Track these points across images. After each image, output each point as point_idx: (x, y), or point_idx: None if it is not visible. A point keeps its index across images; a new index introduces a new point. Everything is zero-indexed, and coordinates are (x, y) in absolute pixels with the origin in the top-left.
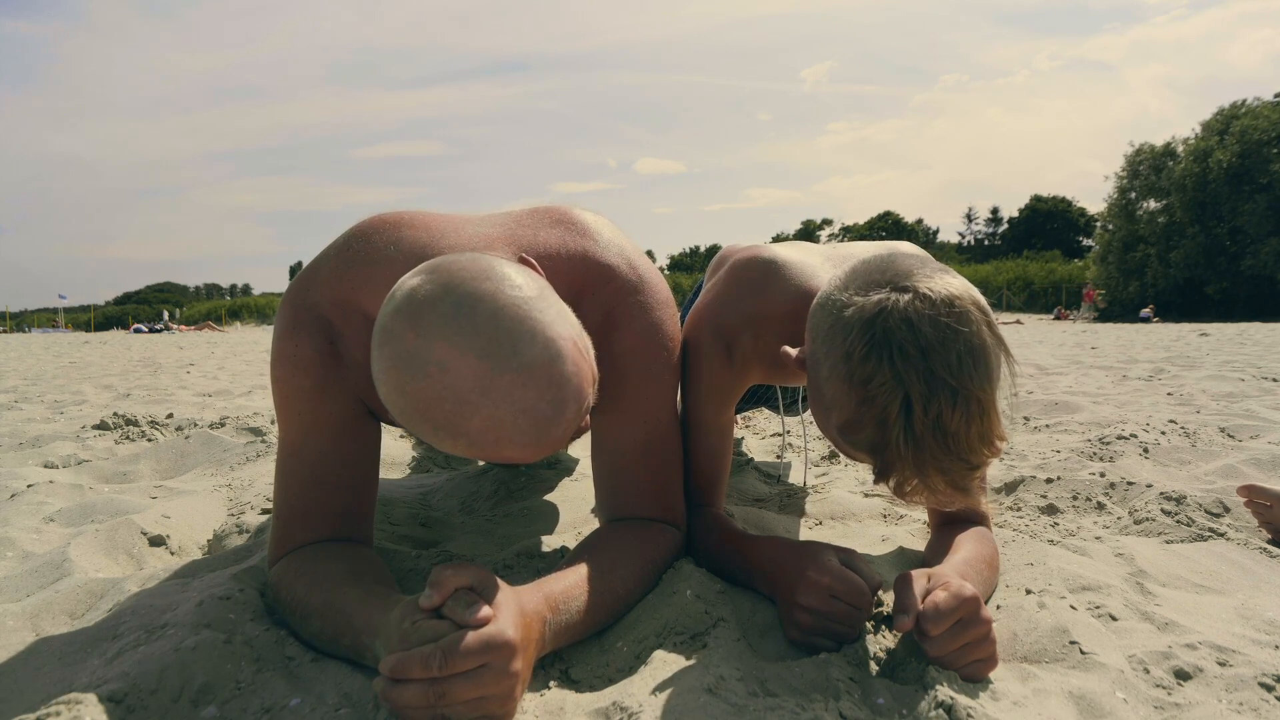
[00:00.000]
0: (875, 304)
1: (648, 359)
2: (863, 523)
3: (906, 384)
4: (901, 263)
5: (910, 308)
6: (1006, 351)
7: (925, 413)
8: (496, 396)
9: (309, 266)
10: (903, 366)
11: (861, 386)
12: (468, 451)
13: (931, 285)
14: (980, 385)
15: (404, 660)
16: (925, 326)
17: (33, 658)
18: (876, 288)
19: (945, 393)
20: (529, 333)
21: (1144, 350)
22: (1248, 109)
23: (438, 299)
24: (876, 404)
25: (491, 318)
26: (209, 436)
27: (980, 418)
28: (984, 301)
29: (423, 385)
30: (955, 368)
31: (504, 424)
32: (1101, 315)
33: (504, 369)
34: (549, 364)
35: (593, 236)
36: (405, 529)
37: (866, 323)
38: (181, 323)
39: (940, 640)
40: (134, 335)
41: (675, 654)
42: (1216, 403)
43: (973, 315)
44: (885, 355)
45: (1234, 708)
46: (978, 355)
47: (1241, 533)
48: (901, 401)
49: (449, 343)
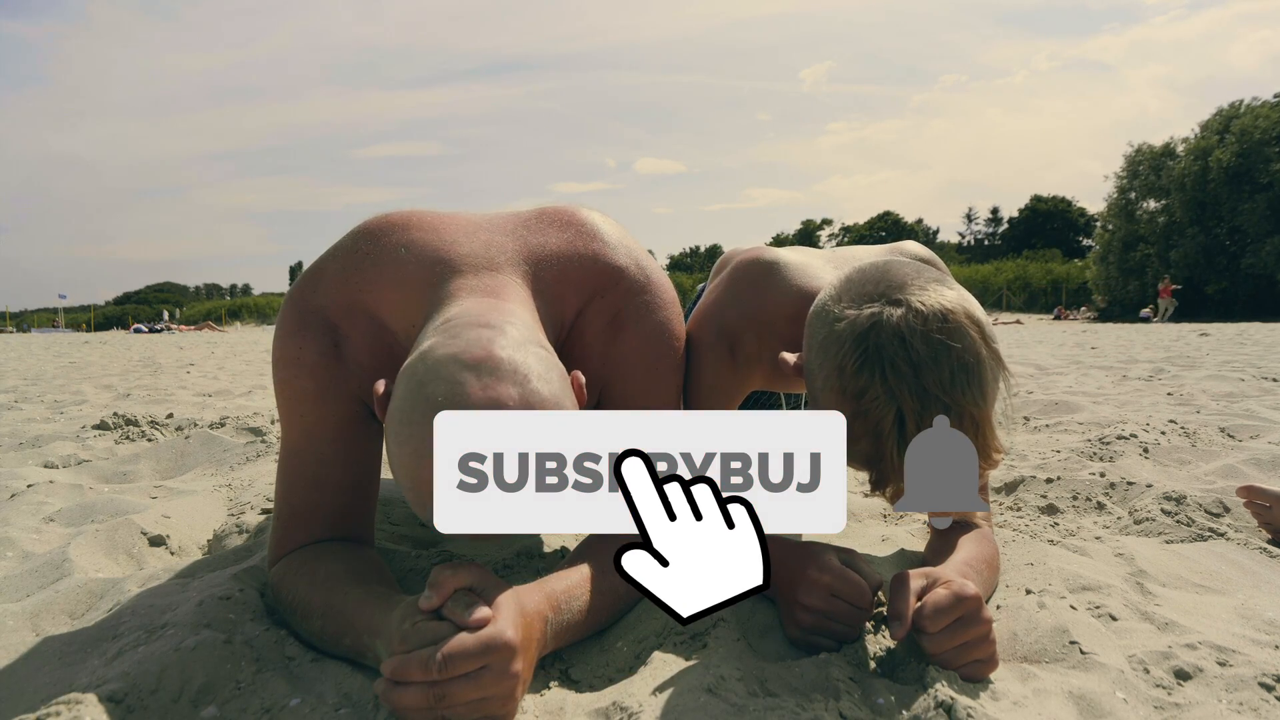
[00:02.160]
0: (868, 318)
1: (653, 359)
2: (863, 523)
3: (899, 399)
4: (896, 272)
5: (902, 322)
6: (1002, 365)
7: (919, 429)
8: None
9: (313, 267)
10: (895, 382)
11: (855, 400)
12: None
13: (924, 299)
14: (974, 401)
15: (404, 663)
16: (917, 342)
17: (33, 658)
18: (869, 300)
19: (938, 409)
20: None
21: (1144, 350)
22: (1248, 109)
23: (469, 376)
24: (870, 418)
25: (499, 394)
26: (209, 436)
27: (974, 432)
28: (979, 313)
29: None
30: (948, 384)
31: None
32: (1101, 315)
33: None
34: None
35: (601, 238)
36: (405, 529)
37: (859, 337)
38: (181, 323)
39: (939, 638)
40: (134, 335)
41: (675, 654)
42: (1216, 403)
43: (966, 330)
44: (877, 370)
45: (1234, 708)
46: (971, 371)
47: (1241, 533)
48: (894, 417)
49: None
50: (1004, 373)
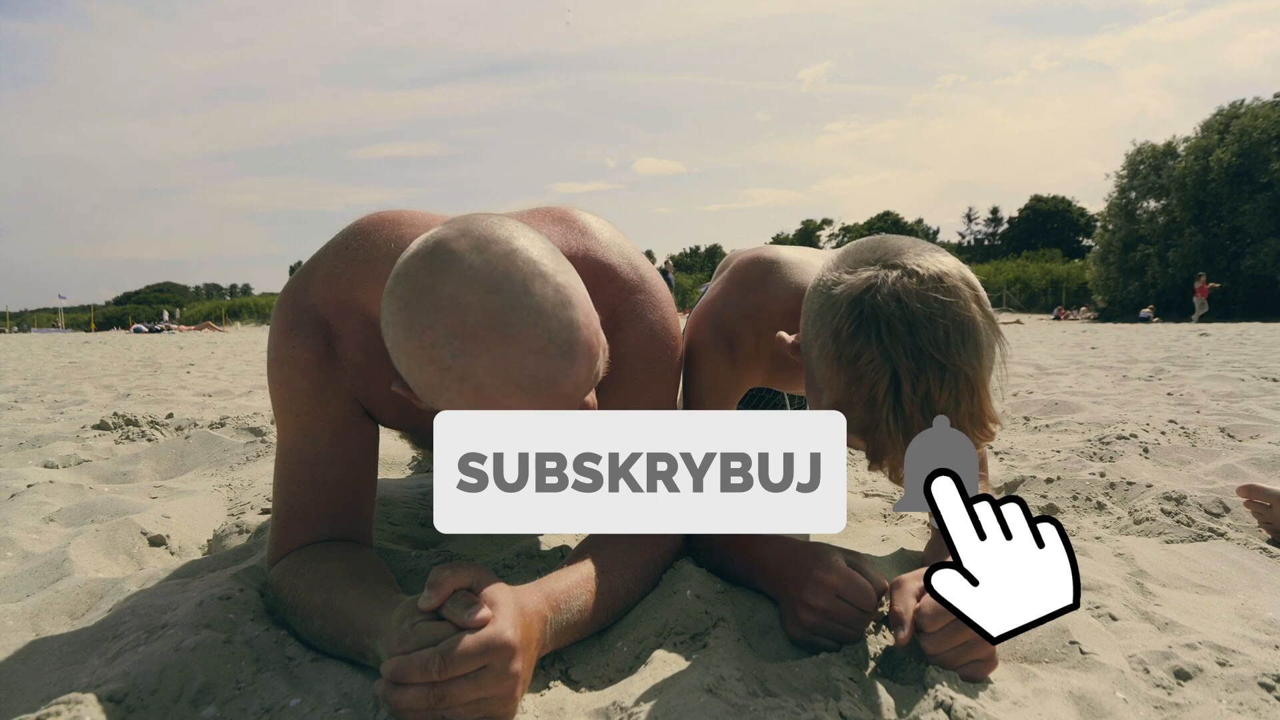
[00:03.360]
0: (864, 281)
1: (651, 358)
2: (863, 523)
3: (894, 360)
4: (892, 242)
5: (898, 283)
6: (997, 330)
7: (914, 390)
8: (506, 333)
9: (306, 266)
10: (890, 343)
11: (850, 365)
12: (474, 400)
13: (921, 262)
14: (969, 362)
15: (403, 664)
16: (913, 302)
17: (33, 658)
18: (866, 265)
19: (933, 369)
20: (541, 274)
21: (1144, 350)
22: (1248, 108)
23: (452, 239)
24: (865, 383)
25: (505, 258)
26: (209, 436)
27: (969, 395)
28: (974, 279)
29: (432, 321)
30: (943, 343)
31: (512, 365)
32: (1101, 315)
33: (515, 305)
34: (560, 307)
35: (594, 236)
36: (405, 529)
37: (854, 300)
38: (181, 323)
39: (938, 638)
40: (134, 335)
41: (675, 654)
42: (1216, 403)
43: (962, 291)
44: (873, 331)
45: (1234, 708)
46: (966, 331)
47: (1241, 533)
48: (890, 379)
49: (461, 279)
50: (999, 339)
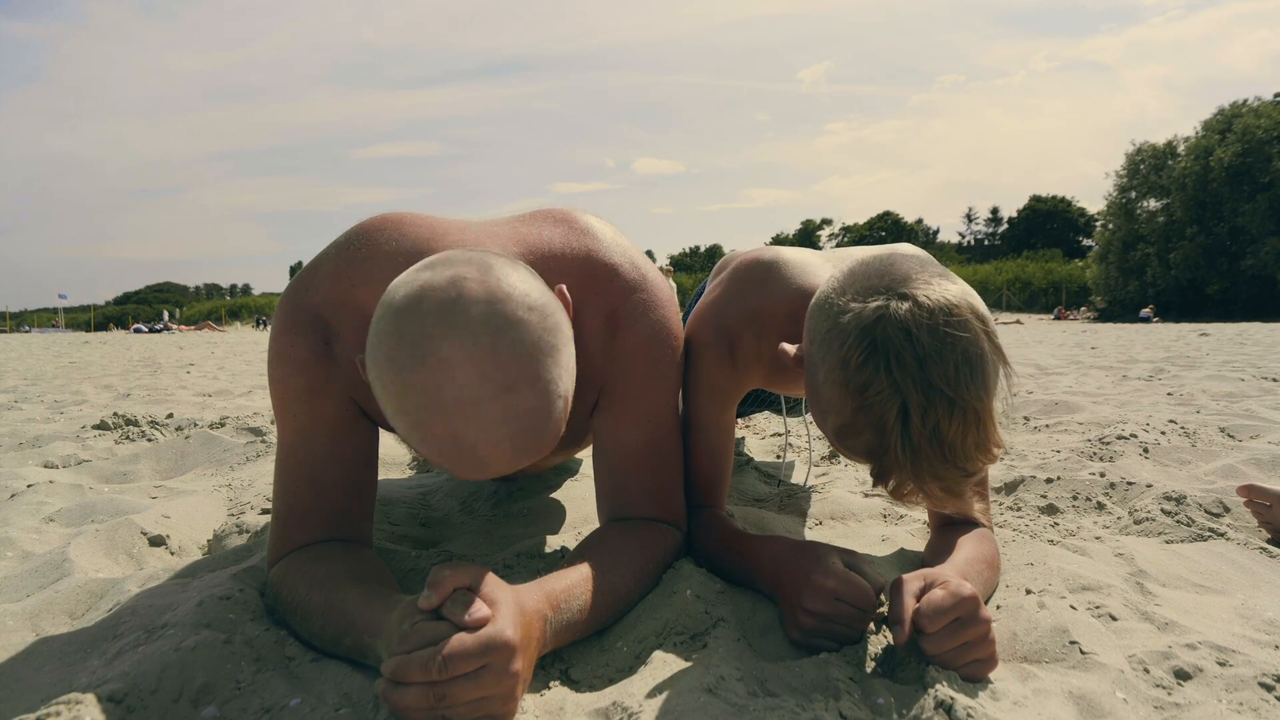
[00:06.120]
0: (873, 311)
1: (651, 358)
2: (863, 523)
3: (904, 393)
4: (900, 266)
5: (909, 316)
6: (1004, 360)
7: (923, 422)
8: (483, 409)
9: (308, 266)
10: (900, 376)
11: (858, 394)
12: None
13: (929, 293)
14: (977, 395)
15: (403, 664)
16: (923, 336)
17: (33, 658)
18: (874, 293)
19: (942, 402)
20: (531, 378)
21: (1144, 350)
22: (1249, 108)
23: (457, 302)
24: (873, 411)
25: (505, 336)
26: (209, 436)
27: (977, 427)
28: (982, 309)
29: (415, 378)
30: (952, 378)
31: (463, 443)
32: (1101, 315)
33: (494, 400)
34: (536, 414)
35: (595, 236)
36: (405, 529)
37: (864, 330)
38: (181, 323)
39: (937, 638)
40: (134, 335)
41: (675, 654)
42: (1216, 403)
43: (971, 324)
44: (882, 364)
45: (1234, 708)
46: (975, 365)
47: (1241, 533)
48: (899, 410)
49: (459, 344)
50: (1006, 368)
